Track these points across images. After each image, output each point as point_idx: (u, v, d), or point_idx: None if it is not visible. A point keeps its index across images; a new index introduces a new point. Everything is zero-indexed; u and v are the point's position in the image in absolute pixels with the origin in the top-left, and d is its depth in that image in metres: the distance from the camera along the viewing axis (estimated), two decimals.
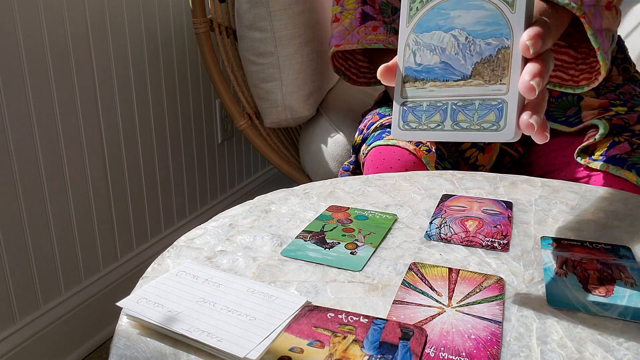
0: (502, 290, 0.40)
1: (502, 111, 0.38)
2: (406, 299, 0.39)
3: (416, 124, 0.42)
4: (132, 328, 0.37)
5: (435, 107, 0.41)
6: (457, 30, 0.40)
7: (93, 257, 1.16)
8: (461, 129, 0.40)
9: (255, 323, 0.36)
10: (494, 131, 0.38)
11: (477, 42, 0.39)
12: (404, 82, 0.42)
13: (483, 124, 0.39)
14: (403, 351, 0.33)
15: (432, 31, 0.41)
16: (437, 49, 0.41)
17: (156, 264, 0.45)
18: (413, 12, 0.42)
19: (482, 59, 0.39)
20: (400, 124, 0.42)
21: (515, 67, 0.38)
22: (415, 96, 0.42)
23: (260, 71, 1.18)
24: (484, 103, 0.39)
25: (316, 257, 0.45)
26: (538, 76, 0.36)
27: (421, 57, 0.42)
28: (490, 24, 0.39)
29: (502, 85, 0.38)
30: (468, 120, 0.39)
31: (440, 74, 0.41)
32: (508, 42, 0.38)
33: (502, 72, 0.38)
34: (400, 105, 0.42)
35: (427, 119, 0.41)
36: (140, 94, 1.24)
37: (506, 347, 0.34)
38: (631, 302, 0.38)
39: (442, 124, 0.40)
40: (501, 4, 0.39)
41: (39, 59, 0.97)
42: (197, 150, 1.48)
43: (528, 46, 0.37)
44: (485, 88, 0.39)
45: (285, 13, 1.14)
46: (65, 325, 1.10)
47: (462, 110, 0.40)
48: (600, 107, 0.78)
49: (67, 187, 1.06)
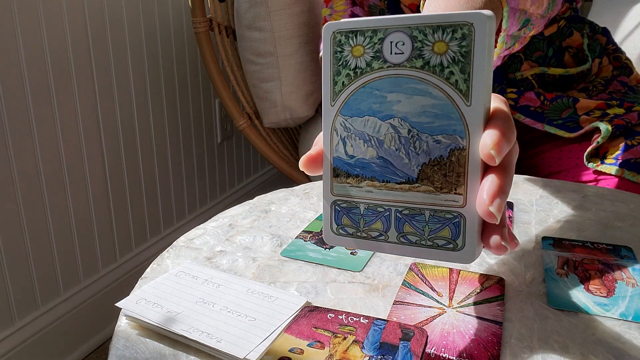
0: (503, 290, 0.40)
1: (459, 227, 0.31)
2: (407, 299, 0.39)
3: (353, 230, 0.34)
4: (131, 329, 0.37)
5: (376, 212, 0.34)
6: (397, 119, 0.32)
7: (92, 257, 1.15)
8: (410, 243, 0.33)
9: (255, 324, 0.36)
10: (449, 250, 0.32)
11: (424, 137, 0.32)
12: (334, 176, 0.34)
13: (436, 239, 0.32)
14: (404, 352, 0.33)
15: (364, 116, 0.33)
16: (372, 140, 0.33)
17: (155, 264, 0.45)
18: (338, 88, 0.33)
19: (430, 159, 0.32)
20: (334, 226, 0.35)
21: (473, 174, 0.31)
22: (349, 195, 0.34)
23: (260, 71, 1.18)
24: (437, 215, 0.32)
25: (316, 257, 0.45)
26: (498, 196, 0.29)
27: (353, 148, 0.34)
28: (439, 116, 0.31)
29: (458, 195, 0.31)
30: (418, 234, 0.32)
31: (379, 173, 0.33)
32: (463, 143, 0.31)
33: (456, 180, 0.31)
34: (332, 204, 0.35)
35: (367, 225, 0.34)
36: (139, 94, 1.23)
37: (507, 347, 0.34)
38: (632, 302, 0.38)
39: (385, 234, 0.33)
40: (452, 92, 0.31)
41: (37, 58, 0.97)
42: (196, 150, 1.48)
43: (493, 156, 0.29)
44: (436, 196, 0.32)
45: (284, 13, 1.13)
46: (65, 326, 1.09)
47: (410, 221, 0.33)
48: (597, 108, 0.78)
49: (66, 187, 1.06)
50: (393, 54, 0.32)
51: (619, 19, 1.35)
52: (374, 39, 0.32)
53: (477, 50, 0.30)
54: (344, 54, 0.33)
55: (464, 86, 0.30)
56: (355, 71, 0.33)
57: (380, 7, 0.93)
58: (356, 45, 0.33)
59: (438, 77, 0.31)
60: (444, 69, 0.31)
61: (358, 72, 0.33)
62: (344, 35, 0.33)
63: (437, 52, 0.31)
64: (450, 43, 0.30)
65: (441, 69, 0.31)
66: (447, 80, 0.31)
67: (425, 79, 0.31)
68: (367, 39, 0.32)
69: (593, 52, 0.86)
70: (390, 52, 0.32)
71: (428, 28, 0.31)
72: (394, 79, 0.32)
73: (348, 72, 0.33)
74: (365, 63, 0.32)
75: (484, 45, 0.30)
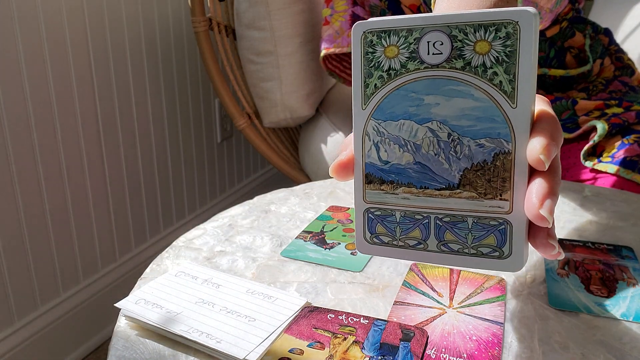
0: (503, 291, 0.40)
1: (505, 234, 0.30)
2: (407, 299, 0.39)
3: (389, 239, 0.33)
4: (130, 329, 0.37)
5: (413, 220, 0.32)
6: (436, 123, 0.31)
7: (91, 257, 1.15)
8: (451, 252, 0.31)
9: (255, 324, 0.36)
10: (495, 258, 0.30)
11: (465, 142, 0.30)
12: (367, 183, 0.33)
13: (480, 247, 0.31)
14: (404, 352, 0.33)
15: (399, 120, 0.32)
16: (409, 145, 0.32)
17: (155, 264, 0.45)
18: (370, 91, 0.32)
19: (473, 164, 0.30)
20: (367, 235, 0.33)
21: (519, 179, 0.29)
22: (384, 202, 0.33)
23: (260, 70, 1.18)
24: (480, 222, 0.31)
25: (316, 257, 0.45)
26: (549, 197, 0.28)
27: (387, 153, 0.32)
28: (482, 119, 0.30)
29: (504, 201, 0.30)
30: (460, 242, 0.31)
31: (417, 179, 0.32)
32: (508, 146, 0.29)
33: (502, 185, 0.30)
34: (365, 211, 0.33)
35: (404, 233, 0.33)
36: (139, 93, 1.23)
37: (508, 348, 0.34)
38: (633, 302, 0.38)
39: (424, 242, 0.32)
40: (496, 93, 0.29)
41: (36, 58, 0.96)
42: (196, 150, 1.48)
43: (542, 160, 0.28)
44: (480, 203, 0.30)
45: (284, 12, 1.13)
46: (64, 326, 1.09)
47: (451, 229, 0.31)
48: (596, 109, 0.78)
49: (66, 187, 1.06)
50: (430, 54, 0.30)
51: (620, 19, 1.35)
52: (409, 39, 0.31)
53: (522, 49, 0.29)
54: (376, 55, 0.32)
55: (508, 87, 0.29)
56: (388, 73, 0.31)
57: (381, 7, 0.93)
58: (389, 46, 0.31)
59: (480, 78, 0.30)
60: (486, 69, 0.29)
61: (392, 74, 0.31)
62: (375, 35, 0.31)
63: (479, 52, 0.29)
64: (493, 42, 0.29)
65: (484, 69, 0.29)
66: (490, 81, 0.29)
67: (466, 81, 0.30)
68: (401, 39, 0.31)
69: (595, 52, 0.86)
70: (427, 52, 0.30)
71: (469, 27, 0.29)
72: (432, 80, 0.31)
73: (381, 73, 0.32)
74: (399, 64, 0.31)
75: (530, 45, 0.28)
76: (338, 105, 1.26)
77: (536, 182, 0.29)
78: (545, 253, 0.30)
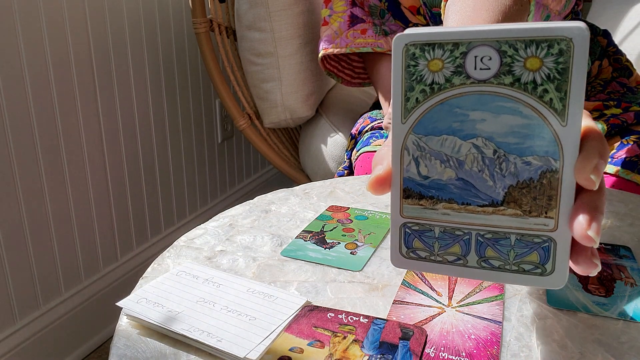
0: (502, 290, 0.40)
1: (549, 252, 0.30)
2: (406, 299, 0.39)
3: (426, 254, 0.33)
4: (132, 328, 0.37)
5: (453, 235, 0.32)
6: (481, 139, 0.30)
7: (93, 257, 1.16)
8: (492, 268, 0.31)
9: (255, 323, 0.36)
10: (537, 275, 0.30)
11: (511, 159, 0.30)
12: (405, 197, 0.33)
13: (522, 264, 0.31)
14: (403, 351, 0.33)
15: (442, 135, 0.31)
16: (451, 161, 0.31)
17: (156, 264, 0.45)
18: (411, 105, 0.31)
19: (518, 182, 0.30)
20: (403, 249, 0.33)
21: (566, 197, 0.29)
22: (422, 217, 0.32)
23: (260, 71, 1.18)
24: (524, 239, 0.30)
25: (316, 257, 0.45)
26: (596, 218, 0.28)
27: (427, 168, 0.32)
28: (530, 136, 0.29)
29: (549, 219, 0.30)
30: (502, 259, 0.31)
31: (458, 195, 0.31)
32: (556, 165, 0.29)
33: (547, 203, 0.30)
34: (401, 226, 0.33)
35: (442, 249, 0.32)
36: (140, 94, 1.24)
37: (506, 347, 0.34)
38: (631, 302, 0.38)
39: (464, 258, 0.32)
40: (546, 111, 0.29)
41: (38, 58, 0.97)
42: (197, 150, 1.48)
43: (593, 180, 0.27)
44: (524, 220, 0.30)
45: (284, 13, 1.14)
46: (65, 325, 1.10)
47: (493, 245, 0.31)
48: (595, 110, 0.78)
49: (67, 187, 1.06)
50: (478, 69, 0.29)
51: (618, 20, 1.35)
52: (455, 53, 0.30)
53: (575, 67, 0.28)
54: (419, 68, 0.30)
55: (559, 105, 0.28)
56: (432, 87, 0.30)
57: (380, 7, 0.93)
58: (433, 59, 0.30)
59: (530, 95, 0.29)
60: (537, 86, 0.29)
61: (435, 88, 0.30)
62: (418, 48, 0.30)
63: (530, 69, 0.29)
64: (545, 59, 0.28)
65: (534, 86, 0.29)
66: (540, 98, 0.29)
67: (515, 97, 0.29)
68: (446, 52, 0.30)
69: (593, 54, 0.86)
70: (474, 67, 0.29)
71: (519, 42, 0.28)
72: (479, 96, 0.30)
73: (423, 87, 0.31)
74: (444, 78, 0.30)
75: (583, 62, 0.28)
76: (338, 106, 1.26)
77: (583, 200, 0.29)
78: (586, 271, 0.29)
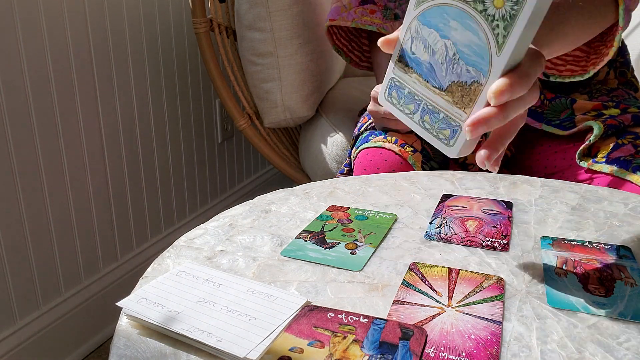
0: (502, 290, 0.40)
1: (456, 133, 0.42)
2: (406, 299, 0.39)
3: (396, 102, 0.46)
4: (132, 328, 0.37)
5: (413, 98, 0.45)
6: (450, 42, 0.41)
7: (93, 257, 1.16)
8: (423, 128, 0.44)
9: (255, 323, 0.36)
10: (444, 144, 0.43)
11: (461, 64, 0.40)
12: (398, 61, 0.45)
13: (439, 134, 0.43)
14: (403, 351, 0.33)
15: (431, 28, 0.42)
16: (429, 49, 0.43)
17: (156, 264, 0.45)
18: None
19: (459, 81, 0.41)
20: (386, 93, 0.47)
21: (479, 104, 0.40)
22: (402, 79, 0.45)
23: (260, 71, 1.18)
24: (446, 118, 0.42)
25: (316, 257, 0.45)
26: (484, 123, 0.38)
27: (416, 48, 0.43)
28: (477, 53, 0.39)
29: (464, 113, 0.41)
30: (430, 125, 0.43)
31: (425, 73, 0.43)
32: (483, 80, 0.39)
33: (468, 102, 0.40)
34: (390, 79, 0.46)
35: (404, 103, 0.45)
36: (140, 94, 1.24)
37: (506, 347, 0.34)
38: (631, 302, 0.38)
39: (413, 114, 0.45)
40: (492, 40, 0.38)
41: (38, 59, 0.97)
42: (197, 150, 1.48)
43: (492, 98, 0.38)
44: (451, 107, 0.42)
45: (284, 13, 1.14)
46: (65, 326, 1.10)
47: (430, 114, 0.43)
48: (594, 109, 0.78)
49: (67, 187, 1.06)
50: None
51: None
52: None
53: (521, 17, 0.36)
54: None
55: (501, 40, 0.38)
56: None
57: None
58: None
59: (488, 24, 0.38)
60: (494, 20, 0.38)
61: None
62: None
63: (495, 6, 0.38)
64: (506, 2, 0.37)
65: (492, 19, 0.38)
66: (492, 30, 0.38)
67: (478, 21, 0.39)
68: None
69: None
70: None
71: None
72: (460, 10, 0.40)
73: None
74: None
75: (527, 15, 0.36)
76: (338, 106, 1.26)
77: (485, 110, 0.39)
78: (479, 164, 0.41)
